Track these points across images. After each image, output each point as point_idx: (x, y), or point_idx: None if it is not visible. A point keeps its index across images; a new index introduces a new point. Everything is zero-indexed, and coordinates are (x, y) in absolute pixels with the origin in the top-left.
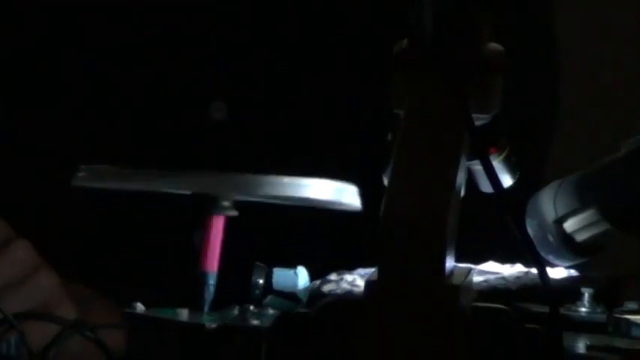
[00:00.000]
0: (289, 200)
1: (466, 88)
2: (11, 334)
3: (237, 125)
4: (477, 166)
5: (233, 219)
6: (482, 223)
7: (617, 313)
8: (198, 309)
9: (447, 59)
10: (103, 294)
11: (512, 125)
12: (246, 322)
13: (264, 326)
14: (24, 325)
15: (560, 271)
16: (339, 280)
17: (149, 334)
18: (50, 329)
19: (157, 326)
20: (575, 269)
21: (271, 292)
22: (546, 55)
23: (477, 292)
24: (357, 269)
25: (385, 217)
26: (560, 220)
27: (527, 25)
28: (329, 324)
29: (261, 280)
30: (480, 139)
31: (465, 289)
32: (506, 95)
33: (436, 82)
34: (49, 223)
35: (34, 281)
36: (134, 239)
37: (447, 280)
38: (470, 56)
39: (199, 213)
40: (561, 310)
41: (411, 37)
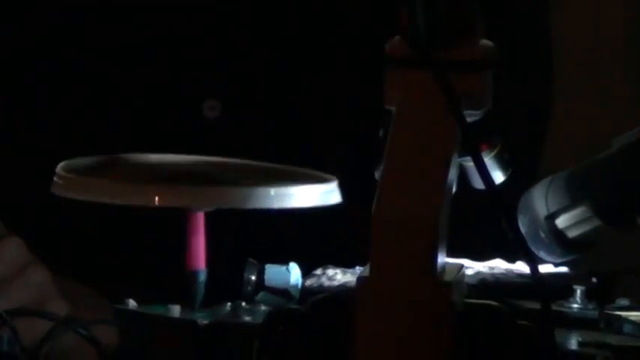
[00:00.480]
0: (275, 209)
1: (458, 84)
2: (4, 330)
3: (232, 123)
4: (469, 163)
5: (226, 217)
6: (474, 219)
7: (609, 309)
8: (190, 305)
9: (438, 56)
10: (95, 291)
11: (506, 122)
12: (238, 319)
13: (256, 323)
14: (16, 322)
15: (548, 268)
16: (320, 275)
17: (141, 330)
18: (43, 325)
19: (149, 323)
20: (567, 266)
21: (263, 288)
22: (539, 53)
23: (469, 288)
24: (355, 268)
25: (377, 213)
26: (552, 217)
27: (520, 24)
28: (320, 320)
29: (253, 277)
30: (472, 135)
31: (457, 285)
32: (499, 93)
33: (428, 79)
34: (40, 220)
35: (26, 278)
36: (126, 236)
37: (439, 277)
38: (461, 53)
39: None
40: (553, 307)
41: (404, 34)
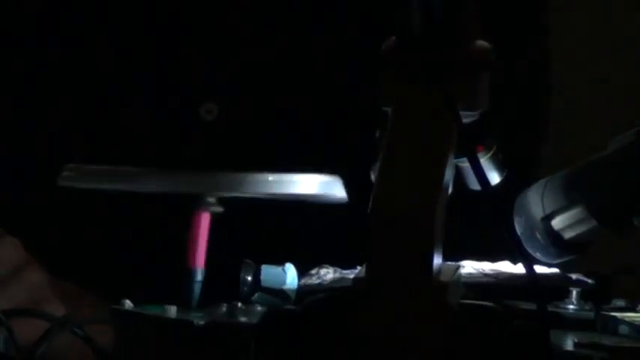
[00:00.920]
0: (276, 196)
1: (454, 85)
2: (0, 331)
3: (229, 126)
4: (465, 164)
5: (221, 216)
6: (471, 220)
7: (605, 310)
8: (186, 306)
9: (434, 57)
10: (91, 291)
11: (503, 124)
12: (235, 319)
13: (252, 323)
14: (12, 322)
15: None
16: (312, 275)
17: (137, 330)
18: (39, 326)
19: (145, 323)
20: (562, 267)
21: (259, 289)
22: (536, 53)
23: (466, 288)
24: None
25: (373, 214)
26: (548, 218)
27: (518, 24)
28: (316, 321)
29: (250, 278)
30: (468, 136)
31: (453, 286)
32: (497, 94)
33: (424, 80)
34: (37, 221)
35: (22, 278)
36: (122, 236)
37: (435, 278)
38: (458, 54)
39: (185, 212)
40: (549, 308)
41: (399, 34)
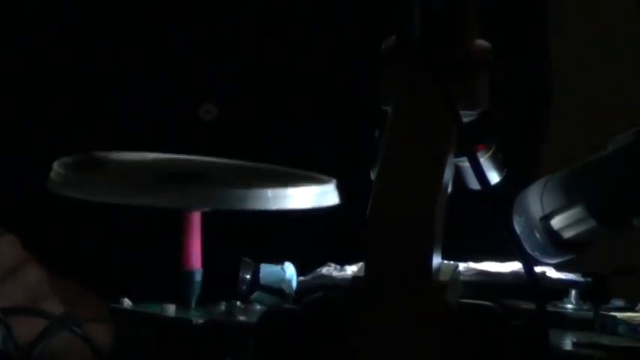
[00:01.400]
0: (273, 211)
1: (453, 85)
2: None
3: (228, 125)
4: (465, 163)
5: (221, 216)
6: (470, 220)
7: (604, 310)
8: (185, 305)
9: (435, 55)
10: (89, 289)
11: (503, 123)
12: (233, 318)
13: (251, 322)
14: (11, 320)
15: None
16: (314, 274)
17: (136, 329)
18: (37, 324)
19: (144, 322)
20: (562, 266)
21: (258, 287)
22: (537, 53)
23: (464, 288)
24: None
25: (372, 213)
26: (547, 217)
27: (519, 25)
28: (315, 320)
29: (249, 276)
30: (468, 136)
31: (452, 285)
32: (497, 94)
33: (424, 79)
34: (35, 219)
35: (20, 276)
36: (121, 235)
37: (434, 277)
38: (457, 53)
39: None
40: (548, 307)
41: (400, 34)
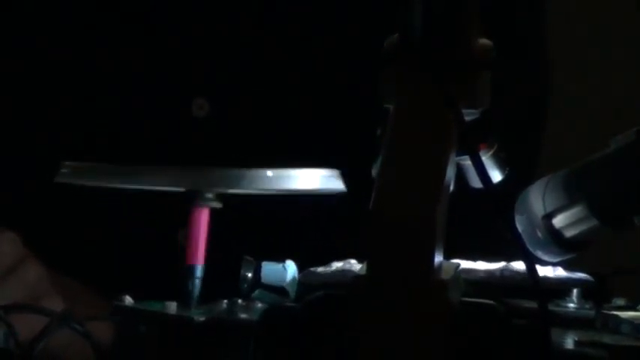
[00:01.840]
0: (275, 192)
1: (455, 83)
2: None
3: (221, 121)
4: (467, 162)
5: (222, 212)
6: (472, 218)
7: (605, 309)
8: (186, 302)
9: (436, 55)
10: (90, 286)
11: (503, 123)
12: (235, 316)
13: (252, 320)
14: (12, 318)
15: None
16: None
17: (137, 327)
18: (38, 321)
19: (145, 319)
20: (564, 265)
21: (260, 285)
22: (536, 52)
23: (466, 287)
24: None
25: (374, 212)
26: (549, 216)
27: (516, 23)
28: (316, 318)
29: (250, 274)
30: (470, 134)
31: (454, 284)
32: (496, 93)
33: (426, 78)
34: (37, 217)
35: (21, 274)
36: (122, 232)
37: (436, 276)
38: (459, 52)
39: (184, 208)
40: (550, 306)
41: (402, 32)
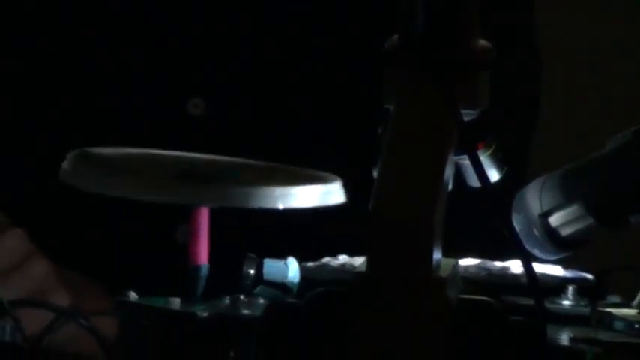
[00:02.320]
0: (279, 210)
1: (455, 84)
2: (6, 320)
3: (216, 120)
4: (465, 161)
5: (226, 213)
6: (470, 217)
7: (600, 306)
8: (190, 298)
9: (436, 55)
10: (96, 282)
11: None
12: (237, 312)
13: (254, 315)
14: (19, 312)
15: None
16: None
17: (141, 322)
18: (45, 316)
19: (149, 314)
20: (560, 263)
21: (262, 282)
22: (527, 54)
23: (464, 284)
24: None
25: (374, 210)
26: (546, 215)
27: (505, 25)
28: (317, 314)
29: (252, 271)
30: (468, 134)
31: (452, 281)
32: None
33: (426, 78)
34: (42, 212)
35: (27, 269)
36: (128, 229)
37: (434, 273)
38: (458, 53)
39: (183, 207)
40: (546, 303)
41: (402, 33)
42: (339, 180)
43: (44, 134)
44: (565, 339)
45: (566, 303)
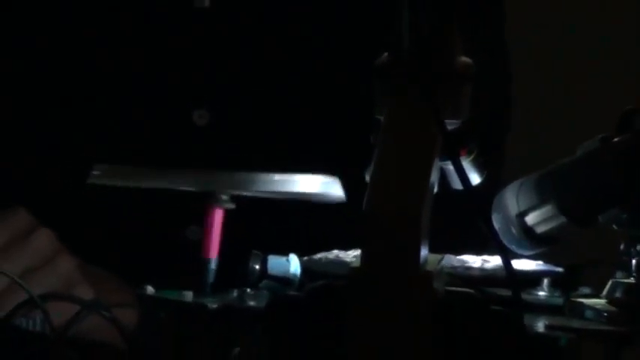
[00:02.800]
0: (281, 194)
1: (439, 96)
2: (36, 313)
3: (220, 130)
4: (449, 166)
5: (235, 214)
6: (454, 216)
7: (573, 297)
8: (201, 291)
9: (422, 71)
10: (117, 277)
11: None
12: (244, 303)
13: (259, 307)
14: (47, 305)
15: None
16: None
17: (157, 313)
18: (71, 308)
19: (165, 306)
20: (535, 258)
21: (266, 276)
22: (497, 57)
23: (449, 277)
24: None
25: (367, 211)
26: (522, 215)
27: (478, 27)
28: (316, 305)
29: (258, 267)
30: (452, 142)
31: (438, 274)
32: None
33: (413, 91)
34: (69, 214)
35: (55, 266)
36: (145, 230)
37: (422, 267)
38: (443, 68)
39: (194, 208)
40: (523, 294)
41: (391, 51)
42: (337, 179)
43: (69, 144)
44: (541, 327)
45: (542, 294)
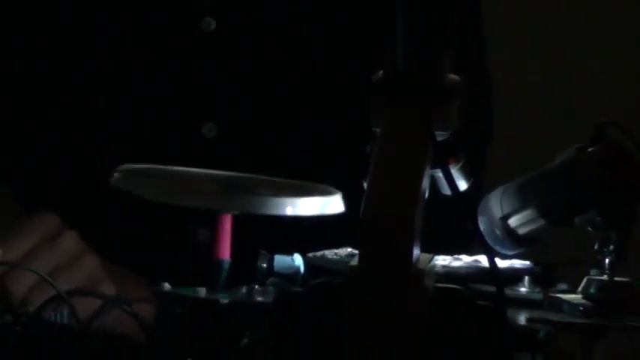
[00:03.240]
0: (288, 216)
1: (431, 110)
2: (64, 307)
3: (228, 141)
4: (439, 174)
5: (244, 217)
6: (444, 219)
7: (551, 292)
8: (213, 288)
9: (415, 87)
10: (137, 275)
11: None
12: (253, 299)
13: (267, 302)
14: (74, 300)
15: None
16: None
17: (174, 308)
18: (95, 303)
19: (180, 301)
20: (517, 257)
21: (273, 274)
22: (477, 67)
23: (439, 275)
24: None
25: (364, 215)
26: (506, 217)
27: (457, 38)
28: (318, 301)
29: (265, 265)
30: (441, 151)
31: (429, 272)
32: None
33: (406, 105)
34: (93, 216)
35: (81, 265)
36: (164, 232)
37: (414, 266)
38: (434, 84)
39: (206, 212)
40: (506, 290)
41: (386, 68)
42: (338, 193)
43: (93, 149)
44: (522, 319)
45: (523, 290)
